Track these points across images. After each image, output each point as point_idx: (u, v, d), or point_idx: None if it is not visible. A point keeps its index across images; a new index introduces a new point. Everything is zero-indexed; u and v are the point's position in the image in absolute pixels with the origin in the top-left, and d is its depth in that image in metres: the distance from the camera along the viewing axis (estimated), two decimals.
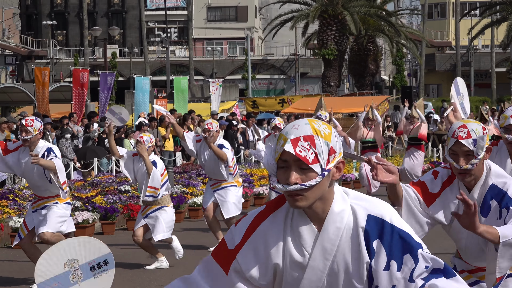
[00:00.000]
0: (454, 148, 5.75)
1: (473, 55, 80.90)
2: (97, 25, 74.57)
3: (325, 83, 61.40)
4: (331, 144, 3.80)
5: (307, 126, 3.80)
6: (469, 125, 5.72)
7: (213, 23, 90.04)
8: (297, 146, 3.74)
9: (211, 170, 14.76)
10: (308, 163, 3.74)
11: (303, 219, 3.91)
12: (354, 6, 60.19)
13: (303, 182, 3.75)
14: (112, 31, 61.73)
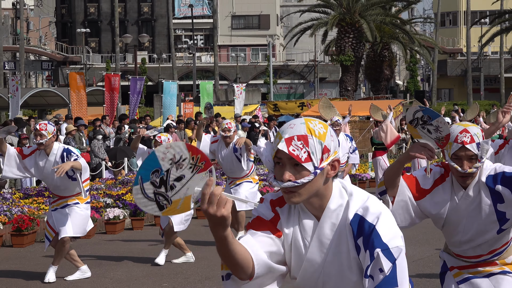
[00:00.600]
0: (458, 153, 5.67)
1: (483, 61, 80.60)
2: (128, 32, 74.79)
3: (343, 87, 61.30)
4: (325, 143, 3.77)
5: (302, 125, 3.78)
6: (471, 129, 5.67)
7: (237, 31, 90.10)
8: (290, 145, 3.72)
9: (228, 168, 14.68)
10: (301, 161, 3.72)
11: (305, 212, 3.93)
12: (370, 15, 60.06)
13: (296, 179, 3.73)
14: (142, 38, 61.82)
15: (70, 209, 11.84)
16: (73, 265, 12.21)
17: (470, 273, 6.08)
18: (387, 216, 3.81)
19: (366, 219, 3.77)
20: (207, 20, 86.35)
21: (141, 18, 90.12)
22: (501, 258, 6.05)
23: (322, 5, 62.64)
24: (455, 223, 5.88)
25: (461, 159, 5.66)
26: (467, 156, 5.65)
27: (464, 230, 5.89)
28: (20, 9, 74.12)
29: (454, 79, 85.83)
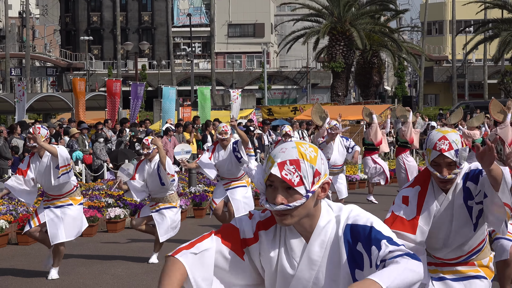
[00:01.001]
0: (438, 160, 5.57)
1: (467, 68, 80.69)
2: (129, 40, 74.73)
3: (334, 93, 61.39)
4: (316, 167, 3.69)
5: (294, 149, 3.70)
6: (449, 137, 5.56)
7: (233, 39, 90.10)
8: (283, 170, 3.65)
9: (225, 169, 14.54)
10: (293, 185, 3.65)
11: (293, 233, 3.85)
12: (360, 24, 60.17)
13: (288, 202, 3.67)
14: (142, 45, 61.79)
15: (63, 210, 11.81)
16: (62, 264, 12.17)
17: (445, 273, 5.99)
18: (378, 219, 3.76)
19: (359, 224, 3.72)
20: (205, 28, 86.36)
21: (141, 26, 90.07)
22: (479, 259, 5.98)
23: (314, 15, 62.73)
24: (437, 227, 5.79)
25: (441, 165, 5.56)
26: (446, 163, 5.55)
27: (445, 232, 5.80)
28: (26, 18, 74.15)
29: (440, 85, 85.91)
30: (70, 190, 11.86)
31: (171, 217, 13.19)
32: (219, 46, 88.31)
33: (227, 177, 14.63)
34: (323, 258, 3.79)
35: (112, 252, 14.23)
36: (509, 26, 60.47)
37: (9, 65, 69.33)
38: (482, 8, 64.37)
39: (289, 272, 3.84)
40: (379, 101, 58.57)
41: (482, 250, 5.97)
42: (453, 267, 5.97)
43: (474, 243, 5.89)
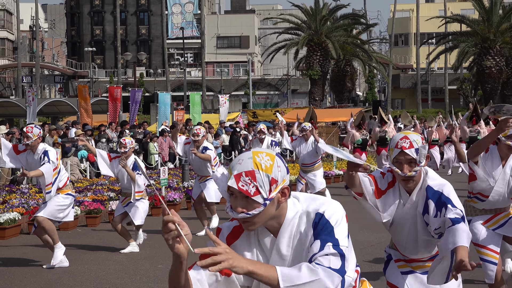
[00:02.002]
0: (399, 157, 5.41)
1: (430, 75, 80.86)
2: (128, 51, 74.64)
3: (311, 98, 61.46)
4: (271, 175, 3.53)
5: (249, 160, 3.55)
6: (411, 136, 5.42)
7: (222, 50, 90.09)
8: (239, 181, 3.51)
9: (197, 167, 14.54)
10: (250, 195, 3.52)
11: (265, 231, 3.72)
12: (335, 36, 60.28)
13: (248, 211, 3.53)
14: (140, 56, 61.69)
15: (51, 198, 11.72)
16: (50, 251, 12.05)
17: (414, 268, 5.83)
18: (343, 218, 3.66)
19: (325, 216, 3.62)
20: (196, 40, 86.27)
21: (139, 38, 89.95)
22: None
23: (294, 28, 62.78)
24: (400, 225, 5.65)
25: (401, 163, 5.40)
26: (406, 160, 5.39)
27: (409, 232, 5.65)
28: (36, 31, 73.84)
29: (406, 91, 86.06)
30: (62, 186, 11.80)
31: (143, 207, 13.18)
32: (209, 56, 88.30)
33: (200, 174, 14.61)
34: (291, 248, 3.68)
35: (114, 240, 14.19)
36: (467, 38, 60.59)
37: (20, 73, 69.00)
38: (443, 22, 64.49)
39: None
40: (351, 105, 58.58)
41: None
42: (422, 263, 5.83)
43: (435, 249, 5.76)
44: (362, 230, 14.40)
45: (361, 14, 70.90)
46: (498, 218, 7.91)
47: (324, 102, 70.58)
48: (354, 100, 74.61)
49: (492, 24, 58.96)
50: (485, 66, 58.61)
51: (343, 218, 3.66)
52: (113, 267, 11.84)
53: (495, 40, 58.58)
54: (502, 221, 7.91)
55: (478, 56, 59.87)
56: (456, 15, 65.50)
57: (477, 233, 7.98)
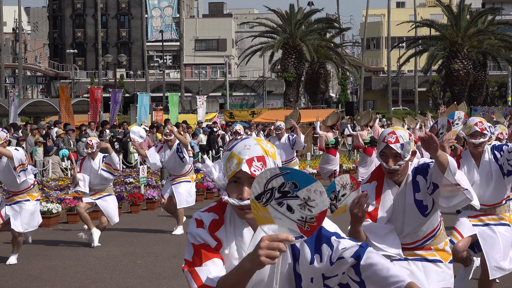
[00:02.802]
0: (385, 150, 5.52)
1: (401, 78, 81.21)
2: (109, 53, 74.32)
3: (286, 99, 61.50)
4: (277, 162, 3.41)
5: (257, 146, 3.37)
6: (398, 132, 5.52)
7: (200, 52, 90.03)
8: (252, 166, 3.31)
9: (171, 166, 14.47)
10: None
11: (242, 224, 3.46)
12: (309, 39, 60.32)
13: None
14: (121, 58, 61.47)
15: (20, 205, 11.65)
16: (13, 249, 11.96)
17: (405, 255, 5.84)
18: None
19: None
20: (175, 43, 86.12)
21: (120, 41, 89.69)
22: (434, 243, 5.87)
23: (270, 31, 62.79)
24: (393, 217, 5.72)
25: (387, 156, 5.52)
26: (391, 154, 5.49)
27: (402, 223, 5.72)
28: (19, 33, 73.38)
29: (377, 93, 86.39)
30: (27, 187, 11.71)
31: (113, 203, 13.26)
32: (187, 58, 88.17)
33: (173, 174, 14.54)
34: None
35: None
36: (436, 42, 60.81)
37: (3, 74, 68.53)
38: (413, 26, 64.75)
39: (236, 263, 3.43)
40: (325, 106, 58.66)
41: (437, 236, 5.87)
42: (412, 251, 5.85)
43: (427, 229, 5.80)
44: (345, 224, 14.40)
45: (334, 18, 71.04)
46: (482, 218, 7.88)
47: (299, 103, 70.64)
48: (328, 101, 74.76)
49: (460, 28, 59.26)
50: (453, 69, 58.89)
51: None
52: (93, 263, 11.78)
53: (463, 44, 58.88)
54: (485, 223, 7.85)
55: (446, 60, 60.13)
56: (426, 20, 65.83)
57: (458, 219, 8.06)
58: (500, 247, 7.73)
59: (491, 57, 61.35)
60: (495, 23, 61.37)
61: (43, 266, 11.53)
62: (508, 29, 66.82)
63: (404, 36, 72.38)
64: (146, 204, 18.43)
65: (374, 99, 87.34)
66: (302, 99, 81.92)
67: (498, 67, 71.36)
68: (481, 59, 61.02)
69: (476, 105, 55.54)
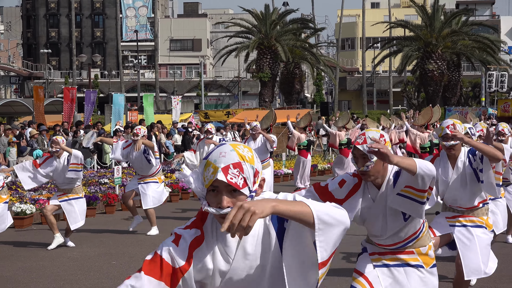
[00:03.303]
0: (354, 152, 5.55)
1: (375, 78, 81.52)
2: (83, 53, 73.94)
3: (261, 99, 61.52)
4: (255, 166, 3.36)
5: (233, 152, 3.33)
6: (368, 133, 5.52)
7: (174, 52, 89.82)
8: (228, 174, 3.27)
9: (138, 167, 14.41)
10: (239, 188, 3.30)
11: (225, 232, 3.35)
12: (284, 40, 60.39)
13: (234, 205, 3.30)
14: (95, 58, 61.24)
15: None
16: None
17: (387, 260, 5.85)
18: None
19: None
20: (150, 43, 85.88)
21: (94, 41, 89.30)
22: (417, 246, 5.84)
23: (245, 32, 62.78)
24: (373, 219, 5.69)
25: (357, 157, 5.53)
26: (360, 155, 5.50)
27: (382, 225, 5.69)
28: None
29: (352, 93, 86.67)
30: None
31: (79, 208, 13.12)
32: (162, 58, 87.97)
33: (140, 174, 14.47)
34: (256, 247, 3.44)
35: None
36: (410, 42, 61.12)
37: None
38: (388, 27, 65.01)
39: (223, 269, 3.46)
40: (300, 106, 58.73)
41: (419, 238, 5.84)
42: (394, 255, 5.84)
43: (409, 231, 5.75)
44: None
45: (309, 18, 71.16)
46: (460, 219, 7.92)
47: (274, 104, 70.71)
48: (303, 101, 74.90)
49: (434, 29, 59.60)
50: (428, 70, 59.22)
51: None
52: (67, 264, 11.73)
53: (437, 45, 59.23)
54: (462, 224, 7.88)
55: (421, 60, 60.47)
56: (400, 21, 66.12)
57: (436, 219, 8.09)
58: (476, 249, 7.75)
59: (465, 58, 61.80)
60: (468, 24, 61.82)
61: (17, 267, 11.46)
62: (482, 30, 67.30)
63: (378, 37, 72.66)
64: (121, 205, 18.37)
65: (349, 99, 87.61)
66: (277, 99, 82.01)
67: (472, 68, 71.90)
68: (455, 59, 61.44)
69: (450, 105, 55.90)
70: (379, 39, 70.06)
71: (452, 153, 7.77)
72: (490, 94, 61.05)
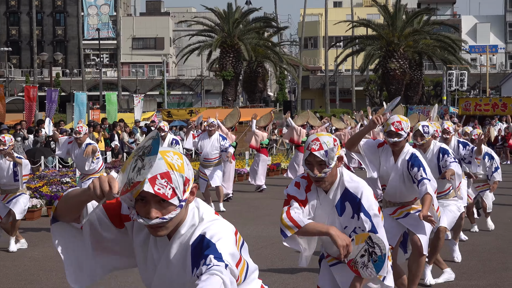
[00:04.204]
0: (309, 158, 5.36)
1: (338, 77, 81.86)
2: (44, 51, 73.37)
3: (225, 98, 61.51)
4: (185, 175, 3.26)
5: (161, 161, 3.21)
6: (322, 138, 5.35)
7: (137, 50, 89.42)
8: (155, 185, 3.17)
9: (80, 165, 14.41)
10: (167, 198, 3.20)
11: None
12: (247, 38, 60.44)
13: (163, 215, 3.22)
14: (57, 56, 60.76)
15: None
16: None
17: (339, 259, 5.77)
18: (228, 237, 3.30)
19: (206, 237, 3.27)
20: (112, 41, 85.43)
21: (55, 39, 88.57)
22: None
23: (208, 30, 62.70)
24: (320, 221, 5.55)
25: (312, 164, 5.35)
26: (316, 162, 5.33)
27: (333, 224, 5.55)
28: None
29: (315, 92, 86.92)
30: None
31: (24, 201, 13.05)
32: (125, 57, 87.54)
33: (83, 172, 14.43)
34: (179, 261, 3.38)
35: (29, 238, 13.94)
36: (372, 41, 61.47)
37: None
38: (350, 26, 65.32)
39: (153, 268, 3.46)
40: (263, 105, 58.82)
41: None
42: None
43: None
44: (273, 224, 14.46)
45: (272, 17, 71.25)
46: (401, 210, 8.08)
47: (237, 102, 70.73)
48: (266, 100, 75.01)
49: (396, 28, 60.01)
50: (390, 69, 59.61)
51: (227, 236, 3.32)
52: (28, 264, 11.63)
53: (399, 44, 59.64)
54: (404, 213, 8.07)
55: (383, 59, 60.85)
56: (363, 20, 66.47)
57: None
58: (424, 225, 7.96)
59: (427, 57, 62.32)
60: (430, 23, 62.35)
61: None
62: (443, 29, 67.90)
63: (341, 36, 73.01)
64: None
65: (312, 98, 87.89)
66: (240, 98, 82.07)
67: (433, 67, 72.60)
68: (417, 58, 61.91)
69: (412, 104, 56.31)
70: (341, 38, 70.39)
71: (396, 150, 7.87)
72: (451, 93, 61.61)
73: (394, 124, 7.76)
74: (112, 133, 30.49)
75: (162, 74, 77.74)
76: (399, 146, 7.84)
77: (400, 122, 7.79)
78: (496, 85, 73.61)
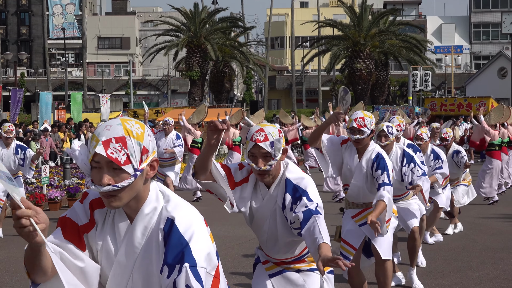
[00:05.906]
0: (253, 150, 4.97)
1: (304, 77, 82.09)
2: (9, 50, 72.77)
3: (191, 98, 61.44)
4: (143, 144, 3.11)
5: (119, 126, 3.10)
6: (266, 129, 4.95)
7: (103, 50, 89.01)
8: (108, 148, 3.04)
9: (6, 165, 14.27)
10: (120, 164, 3.05)
11: (121, 214, 3.25)
12: (214, 38, 60.44)
13: (116, 183, 3.06)
14: (21, 55, 60.28)
15: None
16: None
17: (282, 267, 5.40)
18: (201, 229, 3.14)
19: (180, 232, 3.09)
20: (77, 41, 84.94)
21: (20, 38, 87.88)
22: (310, 256, 5.35)
23: (174, 30, 62.59)
24: (260, 221, 5.20)
25: (256, 156, 4.96)
26: (261, 154, 4.94)
27: (269, 229, 5.19)
28: None
29: (282, 91, 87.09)
30: None
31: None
32: (90, 56, 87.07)
33: (12, 174, 14.14)
34: (143, 246, 3.20)
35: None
36: (339, 42, 61.71)
37: None
38: (317, 26, 65.51)
39: (112, 256, 3.25)
40: (230, 105, 58.87)
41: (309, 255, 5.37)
42: (289, 265, 5.40)
43: (295, 250, 5.33)
44: (240, 224, 14.47)
45: (239, 17, 71.28)
46: (365, 214, 7.63)
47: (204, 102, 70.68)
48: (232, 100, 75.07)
49: (362, 29, 60.31)
50: (356, 69, 59.90)
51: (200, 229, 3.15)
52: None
53: (365, 44, 59.94)
54: (365, 220, 7.58)
55: (349, 59, 61.12)
56: (329, 20, 66.70)
57: (344, 225, 7.80)
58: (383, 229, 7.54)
59: (393, 57, 62.71)
60: (396, 24, 62.74)
61: None
62: (409, 29, 68.38)
63: (307, 36, 73.20)
64: (49, 205, 18.13)
65: (279, 98, 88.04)
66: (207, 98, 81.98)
67: (399, 67, 72.96)
68: (383, 58, 62.28)
69: (378, 104, 56.64)
70: (308, 38, 70.59)
71: (358, 148, 7.51)
72: (416, 93, 62.04)
73: (356, 120, 7.37)
74: (77, 133, 30.31)
75: (128, 74, 77.42)
76: (362, 144, 7.45)
77: (363, 118, 7.38)
78: (461, 85, 74.28)
